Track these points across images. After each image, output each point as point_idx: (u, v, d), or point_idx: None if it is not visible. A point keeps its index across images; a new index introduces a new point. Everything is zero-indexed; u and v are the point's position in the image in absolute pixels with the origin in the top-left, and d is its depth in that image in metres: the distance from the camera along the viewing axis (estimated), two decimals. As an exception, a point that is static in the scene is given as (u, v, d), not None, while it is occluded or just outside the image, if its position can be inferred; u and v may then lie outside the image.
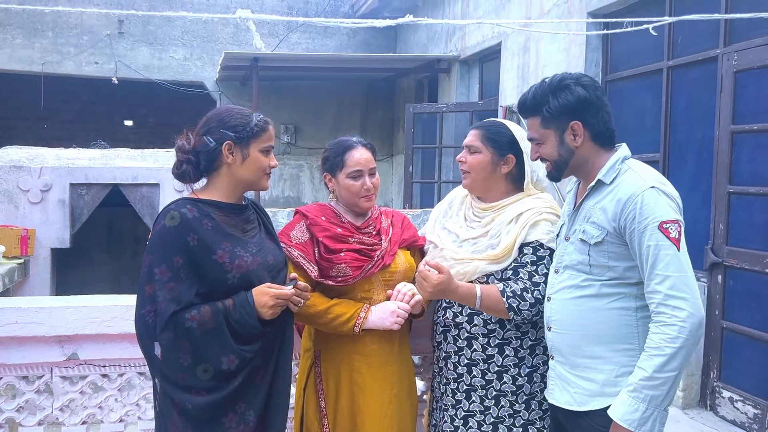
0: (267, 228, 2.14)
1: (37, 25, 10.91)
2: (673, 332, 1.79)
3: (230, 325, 1.89)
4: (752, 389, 4.20)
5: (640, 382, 1.82)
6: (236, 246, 1.95)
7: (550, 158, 2.05)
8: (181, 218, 1.88)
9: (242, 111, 2.03)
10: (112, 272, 8.74)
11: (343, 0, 12.13)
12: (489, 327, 2.24)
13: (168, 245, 1.87)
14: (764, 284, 4.13)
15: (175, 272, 1.86)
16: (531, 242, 2.20)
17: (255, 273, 1.97)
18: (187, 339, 1.85)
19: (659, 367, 1.80)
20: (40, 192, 6.68)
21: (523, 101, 2.08)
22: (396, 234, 2.35)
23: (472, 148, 2.32)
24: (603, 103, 2.01)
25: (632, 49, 5.75)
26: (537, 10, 6.95)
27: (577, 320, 1.99)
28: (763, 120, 4.19)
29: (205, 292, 1.90)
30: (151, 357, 1.90)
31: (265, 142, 2.02)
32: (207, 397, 1.88)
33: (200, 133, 2.00)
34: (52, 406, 2.43)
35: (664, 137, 5.25)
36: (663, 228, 1.84)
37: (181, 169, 2.00)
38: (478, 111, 8.52)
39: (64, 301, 2.44)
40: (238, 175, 2.00)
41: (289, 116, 12.03)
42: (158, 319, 1.84)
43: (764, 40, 4.22)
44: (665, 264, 1.82)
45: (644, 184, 1.89)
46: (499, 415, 2.23)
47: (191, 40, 11.59)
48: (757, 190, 4.22)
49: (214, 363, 1.87)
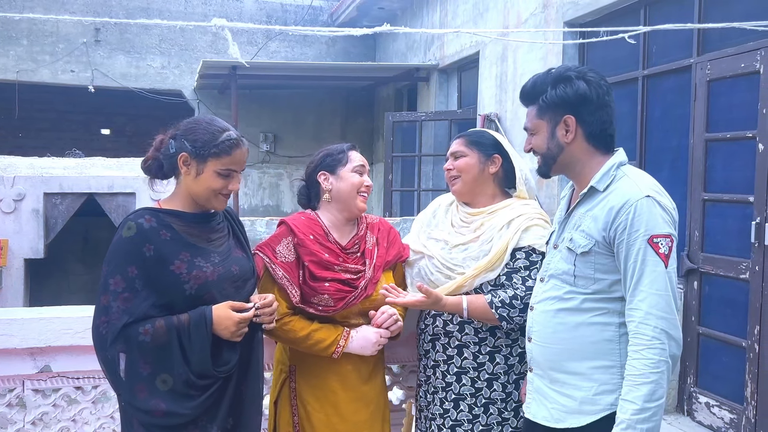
0: (237, 237, 2.08)
1: (11, 32, 10.76)
2: (656, 356, 1.71)
3: (182, 344, 1.85)
4: (728, 394, 4.25)
5: (632, 417, 1.71)
6: (196, 256, 1.90)
7: (539, 150, 1.97)
8: (138, 229, 1.86)
9: (214, 127, 1.94)
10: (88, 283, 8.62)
11: (322, 9, 12.14)
12: (480, 335, 2.24)
13: (123, 256, 1.85)
14: (739, 290, 4.18)
15: (129, 283, 1.83)
16: (523, 247, 2.20)
17: (215, 284, 1.91)
18: (139, 352, 1.82)
19: (648, 396, 1.71)
20: (13, 201, 6.57)
21: (524, 89, 2.00)
22: (380, 257, 2.30)
23: (458, 153, 2.32)
24: (604, 103, 1.90)
25: (608, 59, 5.82)
26: (514, 20, 7.01)
27: (558, 334, 1.91)
28: (736, 128, 4.26)
29: (164, 304, 1.86)
30: (109, 369, 1.86)
31: (226, 164, 1.92)
32: (166, 409, 1.83)
33: (169, 135, 1.98)
34: (24, 420, 2.37)
35: (640, 145, 5.32)
36: (653, 242, 1.74)
37: (147, 164, 2.00)
38: (457, 120, 8.56)
39: (36, 312, 2.39)
40: (190, 189, 1.95)
41: (269, 125, 11.99)
42: (110, 329, 1.81)
43: (736, 50, 4.29)
44: (650, 281, 1.74)
45: (639, 193, 1.79)
46: (488, 422, 2.22)
47: (169, 48, 11.51)
48: (730, 197, 4.28)
49: (173, 375, 1.84)
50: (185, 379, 1.85)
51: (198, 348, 1.85)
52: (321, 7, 12.14)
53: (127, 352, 1.82)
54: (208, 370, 1.88)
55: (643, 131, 5.32)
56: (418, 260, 2.36)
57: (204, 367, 1.87)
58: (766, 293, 3.93)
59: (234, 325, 1.88)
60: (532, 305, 2.03)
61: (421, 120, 9.04)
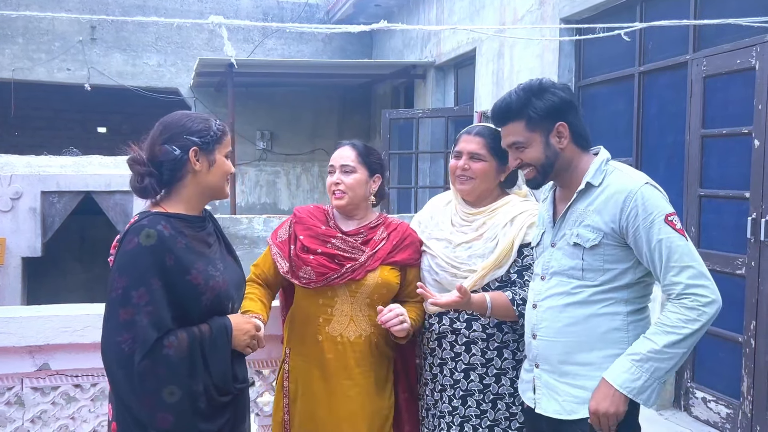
0: (225, 241, 2.05)
1: (6, 31, 10.74)
2: (693, 315, 1.80)
3: (204, 356, 1.80)
4: (724, 389, 4.26)
5: (647, 353, 1.81)
6: (207, 265, 1.85)
7: (536, 162, 1.98)
8: (158, 237, 1.75)
9: (201, 116, 1.94)
10: (85, 281, 8.62)
11: (318, 6, 12.13)
12: (488, 331, 2.25)
13: (145, 267, 1.73)
14: (735, 286, 4.20)
15: (152, 295, 1.72)
16: (530, 243, 2.21)
17: (226, 293, 1.89)
18: (165, 366, 1.73)
19: (671, 344, 1.80)
20: (10, 200, 6.57)
21: (506, 107, 1.99)
22: (383, 251, 2.29)
23: (477, 156, 2.29)
24: (578, 105, 2.02)
25: (604, 56, 5.83)
26: (511, 17, 7.01)
27: (568, 328, 1.95)
28: (731, 124, 4.27)
29: (177, 316, 1.78)
30: (118, 385, 1.76)
31: (227, 147, 1.95)
32: (173, 421, 1.76)
33: (160, 142, 1.86)
34: (23, 417, 2.38)
35: (636, 142, 5.33)
36: (669, 220, 1.86)
37: (144, 183, 1.84)
38: (453, 117, 8.57)
39: (35, 310, 2.40)
40: (205, 183, 1.90)
41: (265, 122, 11.98)
42: (137, 347, 1.70)
43: (732, 46, 4.30)
44: (680, 255, 1.83)
45: (639, 182, 1.89)
46: (496, 418, 2.24)
47: (165, 46, 11.49)
48: (726, 193, 4.29)
49: (183, 387, 1.76)
50: (203, 390, 1.79)
51: (221, 359, 1.83)
52: (317, 5, 12.13)
53: (153, 368, 1.72)
54: (228, 383, 1.86)
55: (639, 128, 5.33)
56: (422, 261, 2.37)
57: (225, 378, 1.84)
58: (762, 289, 3.94)
59: (253, 328, 1.93)
60: (535, 303, 2.04)
61: (418, 117, 9.04)
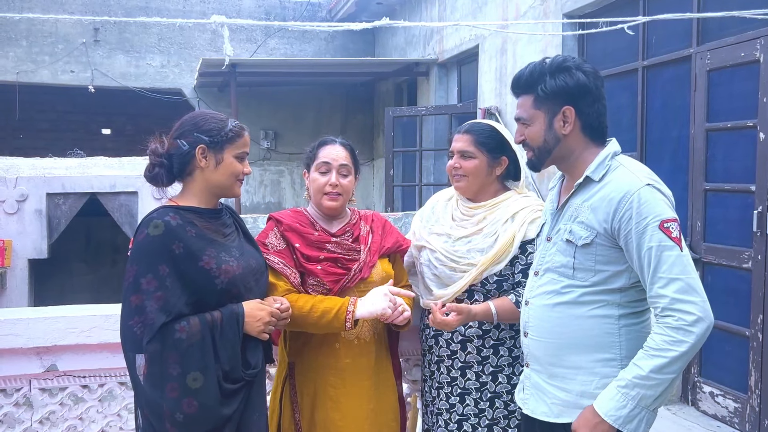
0: (245, 232, 2.12)
1: (10, 33, 10.76)
2: (679, 335, 1.67)
3: (214, 341, 1.86)
4: (732, 384, 4.26)
5: (633, 380, 1.71)
6: (221, 251, 1.92)
7: (535, 143, 1.91)
8: (165, 226, 1.85)
9: (218, 116, 2.01)
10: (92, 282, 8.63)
11: (320, 5, 12.12)
12: (484, 328, 2.25)
13: (153, 254, 1.83)
14: (741, 280, 4.19)
15: (161, 281, 1.81)
16: (532, 239, 2.19)
17: (241, 278, 1.95)
18: (175, 351, 1.80)
19: (658, 368, 1.68)
20: (16, 202, 6.58)
21: (519, 77, 1.92)
22: (376, 242, 2.30)
23: (466, 154, 2.30)
24: (601, 95, 1.88)
25: (607, 50, 5.81)
26: (513, 12, 7.00)
27: (556, 328, 1.88)
28: (736, 117, 4.25)
29: (194, 301, 1.86)
30: (131, 367, 1.85)
31: (240, 148, 1.99)
32: (199, 406, 1.82)
33: (174, 136, 1.97)
34: (31, 419, 2.39)
35: (641, 136, 5.31)
36: (664, 227, 1.71)
37: (154, 172, 1.97)
38: (457, 113, 8.55)
39: (42, 312, 2.41)
40: (211, 180, 1.97)
41: (269, 122, 11.98)
42: (146, 330, 1.79)
43: (736, 39, 4.28)
44: (669, 266, 1.69)
45: (639, 182, 1.77)
46: (495, 416, 2.23)
47: (168, 47, 11.50)
48: (731, 186, 4.28)
49: (204, 372, 1.83)
50: (218, 376, 1.84)
51: (230, 345, 1.88)
52: (319, 3, 12.12)
53: (162, 352, 1.79)
54: (237, 370, 1.89)
55: (643, 122, 5.31)
56: (421, 255, 2.37)
57: (234, 365, 1.88)
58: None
59: (268, 315, 1.94)
60: (527, 300, 2.00)
61: (421, 114, 9.03)
